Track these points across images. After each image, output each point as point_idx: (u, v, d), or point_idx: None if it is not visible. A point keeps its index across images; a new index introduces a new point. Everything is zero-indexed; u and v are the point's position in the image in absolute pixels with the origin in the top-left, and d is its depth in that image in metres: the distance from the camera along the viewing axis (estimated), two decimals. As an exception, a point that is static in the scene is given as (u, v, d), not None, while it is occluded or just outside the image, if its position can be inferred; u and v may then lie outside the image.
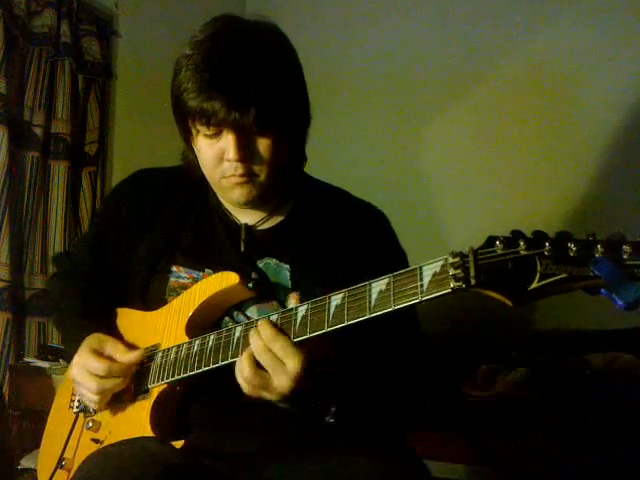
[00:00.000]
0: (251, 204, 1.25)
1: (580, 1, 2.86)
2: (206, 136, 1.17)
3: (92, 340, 1.25)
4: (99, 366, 1.19)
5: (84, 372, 1.21)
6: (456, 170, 3.11)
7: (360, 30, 3.37)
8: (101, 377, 1.19)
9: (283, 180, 1.27)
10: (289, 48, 1.23)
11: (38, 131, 2.66)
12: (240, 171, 1.17)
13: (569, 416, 2.01)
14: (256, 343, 1.05)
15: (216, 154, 1.18)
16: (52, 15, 2.69)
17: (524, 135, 2.95)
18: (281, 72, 1.19)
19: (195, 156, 1.26)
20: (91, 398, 1.22)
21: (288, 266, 1.25)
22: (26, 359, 2.46)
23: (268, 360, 1.04)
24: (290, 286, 1.23)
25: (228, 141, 1.15)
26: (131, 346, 1.28)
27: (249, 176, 1.19)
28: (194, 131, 1.19)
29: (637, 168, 2.68)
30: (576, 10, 2.84)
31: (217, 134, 1.16)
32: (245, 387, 1.06)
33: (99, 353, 1.21)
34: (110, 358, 1.22)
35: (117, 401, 1.26)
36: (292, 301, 1.11)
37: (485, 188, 3.02)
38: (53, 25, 2.69)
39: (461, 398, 2.25)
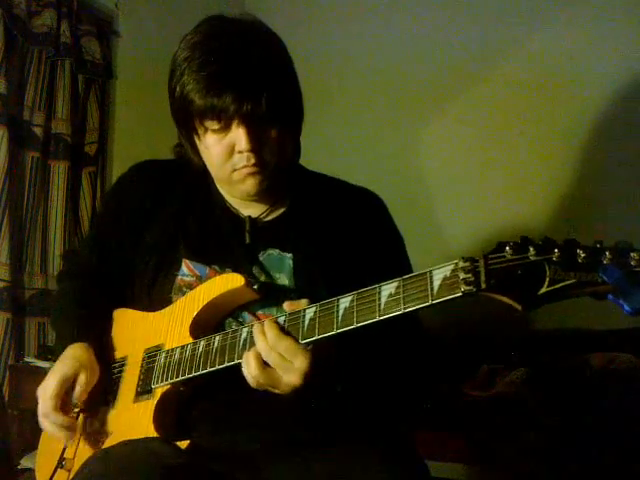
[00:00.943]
0: (260, 195, 1.26)
1: (580, 1, 2.86)
2: (214, 132, 1.18)
3: (67, 363, 1.25)
4: (46, 406, 1.20)
5: (43, 395, 1.22)
6: (455, 169, 3.11)
7: (359, 29, 3.37)
8: (51, 411, 1.20)
9: (286, 171, 1.28)
10: (279, 39, 1.27)
11: (38, 131, 2.66)
12: (252, 161, 1.19)
13: (569, 416, 2.01)
14: (261, 344, 1.06)
15: (226, 148, 1.19)
16: (52, 15, 2.69)
17: (523, 135, 2.95)
18: (280, 62, 1.24)
19: (199, 159, 1.26)
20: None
21: (291, 255, 1.26)
22: (26, 359, 2.46)
23: (275, 359, 1.05)
24: (293, 275, 1.24)
25: (239, 133, 1.16)
26: (126, 355, 1.28)
27: (261, 166, 1.20)
28: (201, 130, 1.19)
29: (637, 167, 2.68)
30: (576, 10, 2.84)
31: (226, 128, 1.17)
32: (252, 382, 1.07)
33: (65, 381, 1.22)
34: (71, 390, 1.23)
35: (120, 401, 1.26)
36: (285, 307, 1.12)
37: (484, 188, 3.02)
38: (53, 25, 2.69)
39: (461, 398, 2.25)
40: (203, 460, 1.15)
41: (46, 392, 1.22)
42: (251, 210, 1.31)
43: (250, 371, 1.06)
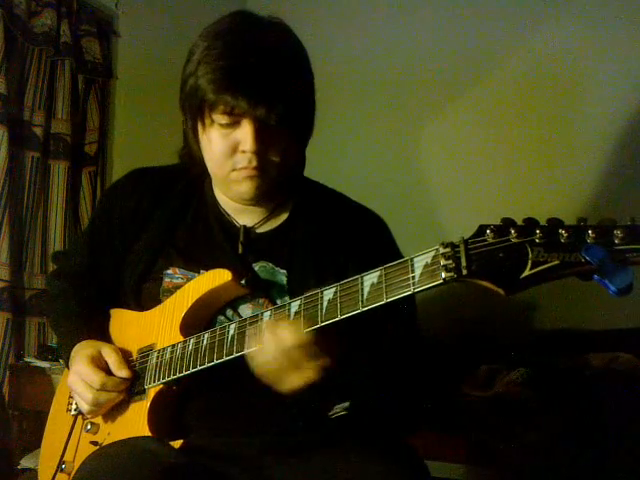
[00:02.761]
0: (255, 200, 1.24)
1: (581, 1, 2.85)
2: (221, 126, 1.16)
3: (89, 349, 1.24)
4: (95, 378, 1.19)
5: (80, 381, 1.21)
6: (456, 169, 3.11)
7: (360, 30, 3.36)
8: (97, 389, 1.19)
9: (286, 181, 1.27)
10: (305, 51, 1.24)
11: (38, 131, 2.66)
12: (254, 164, 1.16)
13: (569, 416, 2.01)
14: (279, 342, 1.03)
15: (230, 145, 1.16)
16: (52, 15, 2.69)
17: (524, 134, 2.95)
18: (303, 74, 1.21)
19: (199, 149, 1.25)
20: (86, 408, 1.22)
21: (285, 271, 1.24)
22: (26, 359, 2.46)
23: (286, 360, 1.02)
24: (287, 292, 1.22)
25: (246, 132, 1.14)
26: (125, 351, 1.28)
27: (261, 171, 1.18)
28: (208, 121, 1.17)
29: (638, 168, 2.68)
30: (577, 10, 2.84)
31: (234, 124, 1.15)
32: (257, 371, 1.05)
33: (96, 363, 1.21)
34: (106, 368, 1.22)
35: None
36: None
37: (485, 188, 3.02)
38: (53, 25, 2.69)
39: (461, 398, 2.25)
40: (203, 460, 1.14)
41: (83, 374, 1.20)
42: (247, 218, 1.29)
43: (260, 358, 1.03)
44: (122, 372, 1.21)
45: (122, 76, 3.07)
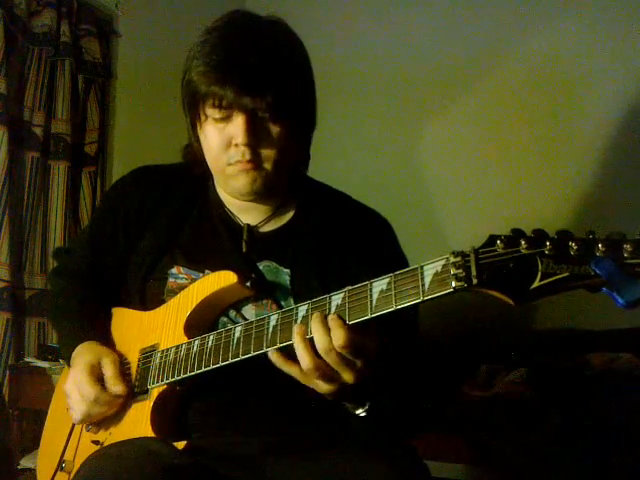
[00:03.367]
0: (254, 195, 1.23)
1: (581, 1, 2.86)
2: (215, 120, 1.16)
3: (90, 355, 1.24)
4: (90, 391, 1.19)
5: (76, 391, 1.21)
6: (457, 170, 3.11)
7: (359, 29, 3.37)
8: (90, 402, 1.19)
9: (287, 177, 1.27)
10: (300, 45, 1.24)
11: (38, 131, 2.66)
12: (247, 156, 1.16)
13: (569, 416, 2.01)
14: (323, 343, 0.98)
15: (224, 140, 1.17)
16: (52, 15, 2.69)
17: (525, 135, 2.95)
18: (293, 64, 1.21)
19: (199, 146, 1.25)
20: (77, 418, 1.23)
21: (288, 271, 1.24)
22: (26, 359, 2.46)
23: (336, 359, 0.98)
24: (290, 292, 1.22)
25: (238, 125, 1.14)
26: (127, 351, 1.27)
27: (255, 163, 1.17)
28: (203, 117, 1.18)
29: (638, 168, 2.68)
30: (576, 10, 2.84)
31: (227, 118, 1.15)
32: (300, 377, 1.02)
33: (95, 374, 1.21)
34: (102, 380, 1.21)
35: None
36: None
37: (486, 188, 3.02)
38: (53, 25, 2.69)
39: (461, 398, 2.25)
40: (204, 461, 1.14)
41: (81, 384, 1.19)
42: (251, 217, 1.29)
43: (305, 364, 0.99)
44: (117, 388, 1.20)
45: (122, 76, 3.07)
